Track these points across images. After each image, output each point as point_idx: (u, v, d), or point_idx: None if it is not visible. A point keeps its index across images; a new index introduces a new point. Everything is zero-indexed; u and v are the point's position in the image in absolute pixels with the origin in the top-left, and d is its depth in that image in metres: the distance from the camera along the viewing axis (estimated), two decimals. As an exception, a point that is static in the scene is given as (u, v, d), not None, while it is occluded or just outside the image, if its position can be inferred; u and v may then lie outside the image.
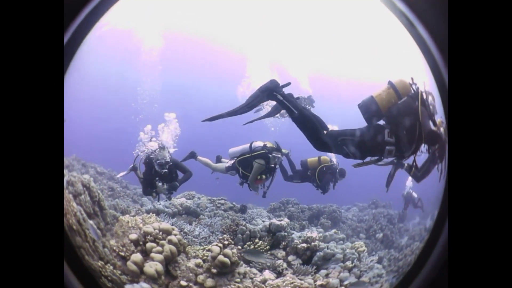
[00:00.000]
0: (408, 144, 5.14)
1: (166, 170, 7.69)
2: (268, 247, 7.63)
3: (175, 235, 6.15)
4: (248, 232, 7.76)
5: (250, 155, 8.41)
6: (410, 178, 11.59)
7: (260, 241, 7.65)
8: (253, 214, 10.79)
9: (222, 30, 22.72)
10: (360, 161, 5.55)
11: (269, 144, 8.60)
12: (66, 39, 2.60)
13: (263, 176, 8.46)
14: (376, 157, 5.42)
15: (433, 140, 5.06)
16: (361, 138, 5.32)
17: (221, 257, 6.07)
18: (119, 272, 4.70)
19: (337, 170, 9.81)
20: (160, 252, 5.70)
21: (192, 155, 9.63)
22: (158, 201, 8.25)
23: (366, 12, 18.46)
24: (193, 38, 24.83)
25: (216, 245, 6.28)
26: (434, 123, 5.14)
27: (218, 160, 9.54)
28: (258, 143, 8.55)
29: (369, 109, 5.40)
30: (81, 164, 10.42)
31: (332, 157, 10.08)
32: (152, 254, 5.62)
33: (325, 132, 5.43)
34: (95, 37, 3.04)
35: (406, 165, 5.51)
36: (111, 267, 4.48)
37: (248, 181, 8.53)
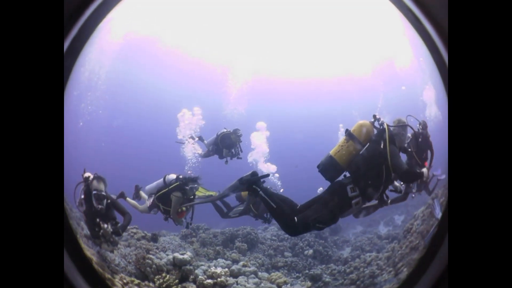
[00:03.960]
0: (375, 190, 5.31)
1: (103, 207, 7.18)
2: (177, 281, 7.54)
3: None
4: (154, 266, 7.69)
5: (166, 189, 8.49)
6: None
7: (168, 275, 7.52)
8: (164, 242, 10.47)
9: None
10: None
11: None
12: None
13: (183, 208, 8.50)
14: (347, 213, 5.50)
15: (409, 179, 5.64)
16: (327, 209, 5.32)
17: (116, 296, 6.00)
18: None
19: None
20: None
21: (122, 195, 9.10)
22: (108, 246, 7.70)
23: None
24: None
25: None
26: (405, 152, 5.85)
27: (137, 190, 9.34)
28: (171, 176, 8.64)
29: (329, 170, 5.51)
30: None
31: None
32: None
33: (296, 218, 5.36)
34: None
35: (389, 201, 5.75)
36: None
37: (171, 216, 8.54)
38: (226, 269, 8.17)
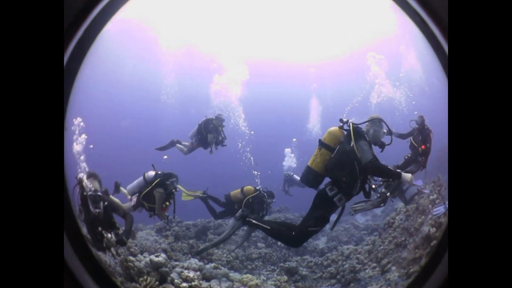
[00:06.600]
0: (352, 184, 5.64)
1: (100, 210, 7.05)
2: (157, 283, 7.67)
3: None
4: (136, 268, 7.79)
5: (149, 187, 8.82)
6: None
7: (149, 278, 7.63)
8: (141, 239, 10.48)
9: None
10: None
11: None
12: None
13: (167, 203, 8.92)
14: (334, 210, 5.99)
15: (372, 170, 5.62)
16: (315, 213, 5.81)
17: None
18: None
19: (265, 195, 9.96)
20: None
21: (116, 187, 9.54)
22: (114, 258, 7.88)
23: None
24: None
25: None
26: (382, 146, 6.04)
27: (117, 186, 9.49)
28: (151, 173, 8.97)
29: (309, 179, 6.04)
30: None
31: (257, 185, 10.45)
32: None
33: (293, 233, 5.90)
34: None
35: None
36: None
37: (156, 213, 8.84)
38: (198, 273, 8.40)
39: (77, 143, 7.43)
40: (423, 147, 8.43)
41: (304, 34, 21.12)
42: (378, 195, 6.28)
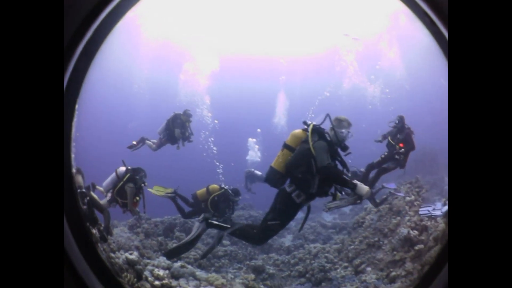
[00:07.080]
0: (309, 181, 5.90)
1: (86, 206, 7.33)
2: (135, 279, 7.69)
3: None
4: (117, 265, 7.81)
5: (121, 183, 9.13)
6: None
7: (129, 275, 7.59)
8: (117, 236, 10.49)
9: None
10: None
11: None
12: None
13: (137, 198, 9.23)
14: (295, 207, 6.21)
15: (324, 175, 5.77)
16: (275, 208, 6.21)
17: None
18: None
19: (231, 193, 10.28)
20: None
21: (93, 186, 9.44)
22: (102, 254, 7.28)
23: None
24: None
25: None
26: (345, 148, 6.16)
27: (93, 187, 9.37)
28: (122, 169, 9.25)
29: (272, 179, 6.30)
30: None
31: (222, 183, 10.72)
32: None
33: (255, 231, 6.38)
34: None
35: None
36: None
37: (128, 208, 9.18)
38: (167, 271, 8.57)
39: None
40: (401, 145, 8.73)
41: (280, 29, 21.43)
42: (344, 193, 6.26)
